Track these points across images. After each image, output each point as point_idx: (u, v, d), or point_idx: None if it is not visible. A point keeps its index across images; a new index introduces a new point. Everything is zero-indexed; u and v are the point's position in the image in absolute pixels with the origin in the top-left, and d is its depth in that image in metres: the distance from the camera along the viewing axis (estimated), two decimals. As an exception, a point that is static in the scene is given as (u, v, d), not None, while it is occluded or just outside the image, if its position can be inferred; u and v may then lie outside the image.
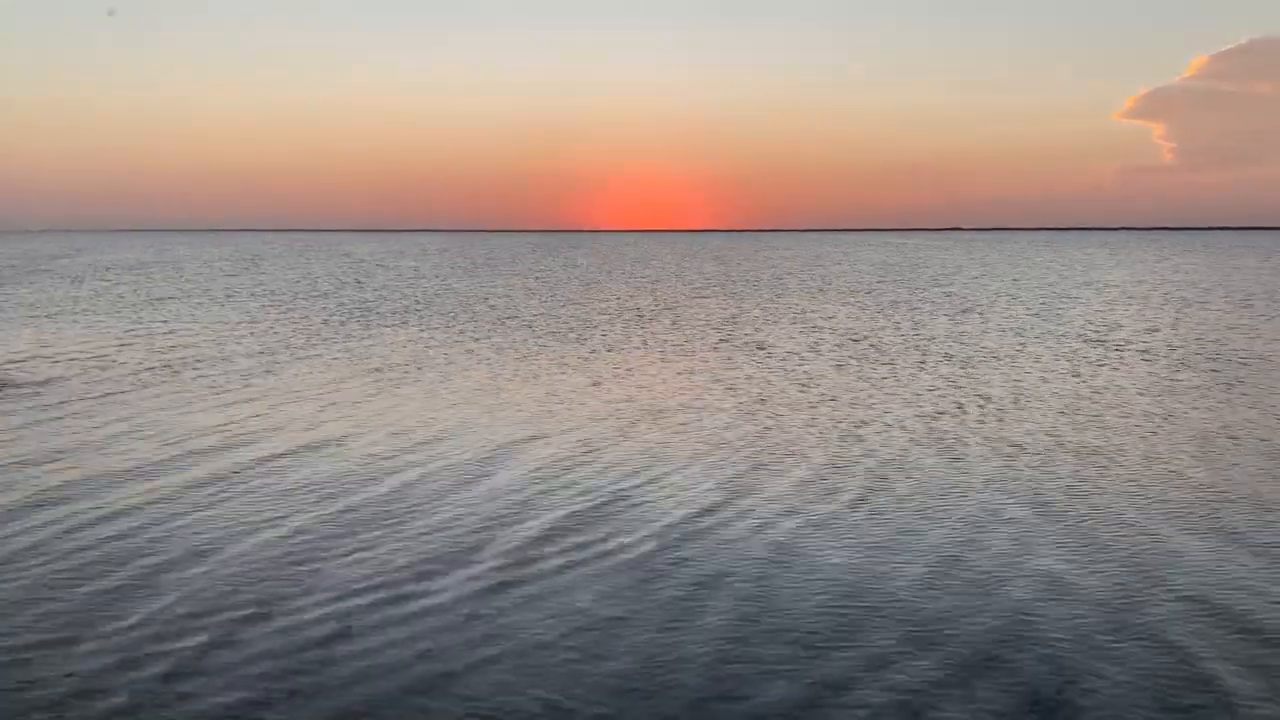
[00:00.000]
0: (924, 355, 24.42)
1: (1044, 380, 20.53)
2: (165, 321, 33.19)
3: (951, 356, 24.18)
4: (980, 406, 17.53)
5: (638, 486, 12.24)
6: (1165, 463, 13.44)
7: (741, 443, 14.69)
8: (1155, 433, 15.38)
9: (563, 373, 21.79)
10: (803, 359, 23.88)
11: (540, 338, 28.48)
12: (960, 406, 17.53)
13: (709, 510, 11.25)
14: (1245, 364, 22.85)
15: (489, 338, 28.48)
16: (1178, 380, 20.51)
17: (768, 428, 15.76)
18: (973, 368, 22.29)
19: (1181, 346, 26.08)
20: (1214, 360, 23.44)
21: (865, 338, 28.30)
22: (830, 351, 25.26)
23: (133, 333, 29.66)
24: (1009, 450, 14.15)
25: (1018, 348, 25.88)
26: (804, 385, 20.00)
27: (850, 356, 24.30)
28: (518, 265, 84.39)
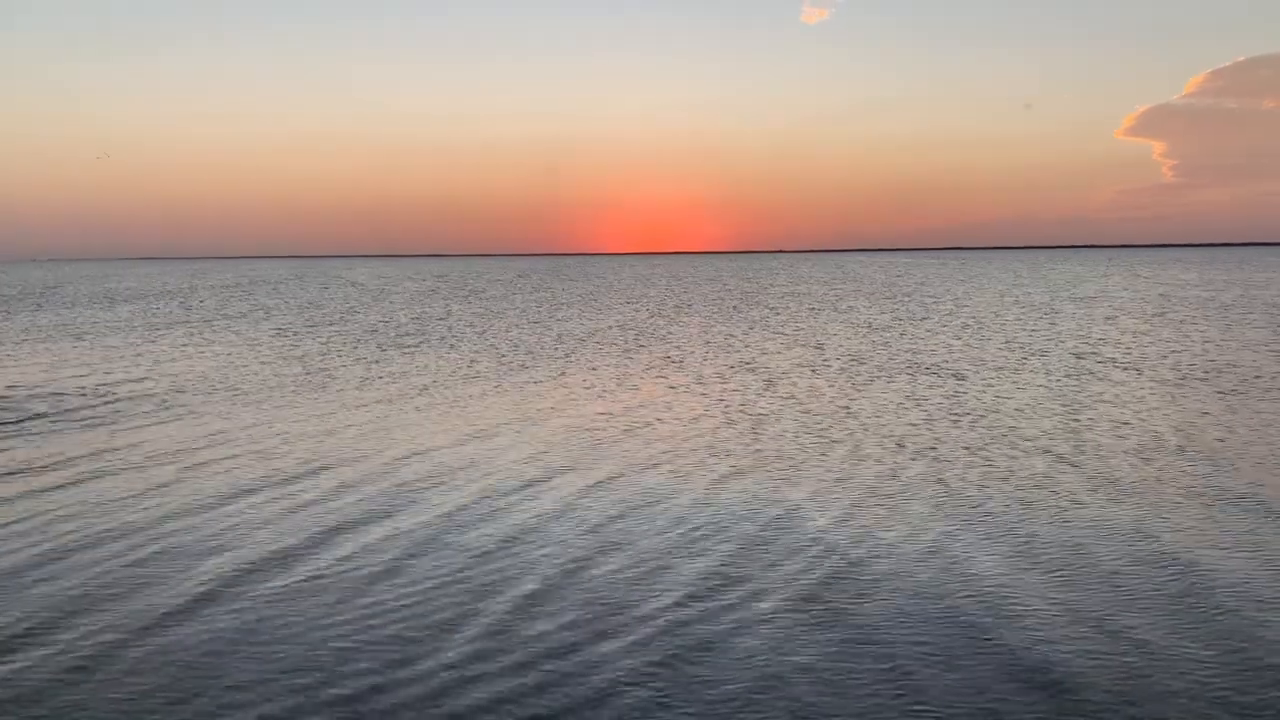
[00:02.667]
0: (913, 368, 24.57)
1: (1020, 390, 20.65)
2: (173, 347, 33.44)
3: (933, 368, 24.33)
4: (954, 413, 17.67)
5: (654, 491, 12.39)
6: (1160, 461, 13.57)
7: (734, 452, 14.84)
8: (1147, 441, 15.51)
9: (563, 391, 21.96)
10: (791, 373, 24.02)
11: (539, 359, 28.67)
12: (933, 416, 17.68)
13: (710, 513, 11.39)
14: (1215, 373, 22.97)
15: (489, 358, 28.67)
16: (1150, 388, 20.64)
17: (757, 435, 15.91)
18: (942, 378, 22.43)
19: (1158, 358, 26.20)
20: (1178, 369, 23.58)
21: (857, 353, 28.45)
22: (821, 366, 25.42)
23: (144, 358, 29.88)
24: (969, 453, 14.29)
25: (994, 359, 26.01)
26: (790, 397, 20.15)
27: (841, 370, 24.45)
28: (520, 287, 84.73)
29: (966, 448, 14.85)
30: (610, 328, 39.01)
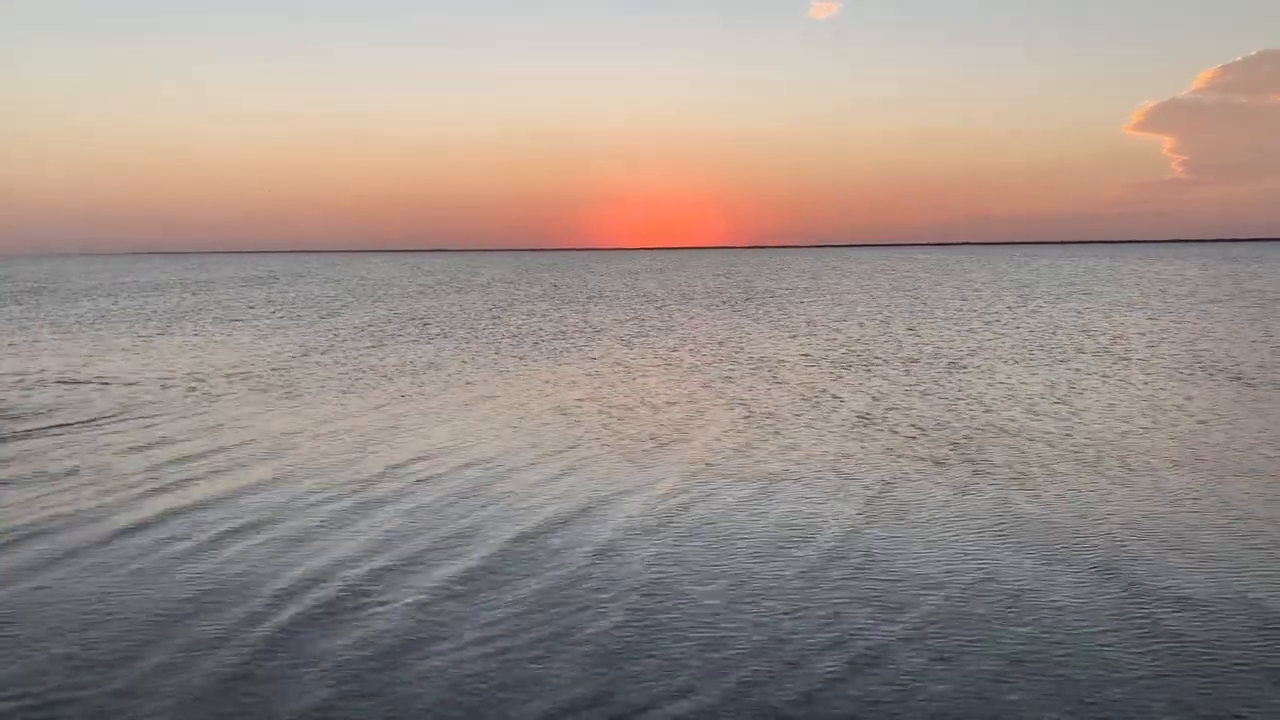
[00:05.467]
0: (911, 359, 24.79)
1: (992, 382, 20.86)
2: (189, 337, 33.77)
3: (931, 358, 24.56)
4: (946, 399, 17.91)
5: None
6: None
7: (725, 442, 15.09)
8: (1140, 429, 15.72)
9: (563, 381, 22.22)
10: (792, 364, 24.25)
11: (539, 349, 28.95)
12: (928, 402, 17.92)
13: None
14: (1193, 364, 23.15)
15: (488, 349, 28.94)
16: (1140, 378, 20.84)
17: (749, 423, 16.17)
18: (937, 368, 22.65)
19: (1141, 351, 26.38)
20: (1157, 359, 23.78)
21: (856, 344, 28.63)
22: (821, 357, 25.65)
23: (159, 349, 30.23)
24: (925, 431, 14.52)
25: (991, 349, 26.20)
26: (786, 383, 20.39)
27: (838, 360, 24.67)
28: (524, 281, 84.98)
29: (953, 431, 15.11)
30: (611, 321, 39.23)
